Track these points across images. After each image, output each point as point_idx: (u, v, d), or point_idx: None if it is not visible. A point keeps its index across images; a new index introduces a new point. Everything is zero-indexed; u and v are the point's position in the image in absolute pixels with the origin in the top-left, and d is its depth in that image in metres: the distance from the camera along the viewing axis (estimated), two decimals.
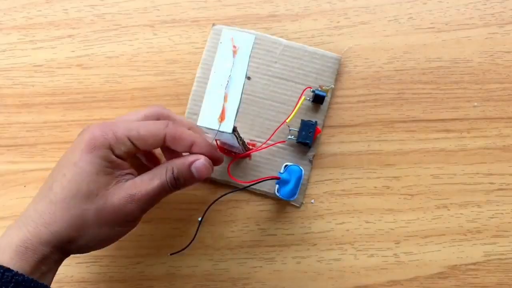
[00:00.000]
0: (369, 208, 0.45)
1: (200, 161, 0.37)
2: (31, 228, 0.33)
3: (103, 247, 0.37)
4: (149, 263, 0.45)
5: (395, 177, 0.46)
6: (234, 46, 0.33)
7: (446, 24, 0.47)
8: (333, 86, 0.46)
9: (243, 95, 0.33)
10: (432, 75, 0.47)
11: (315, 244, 0.45)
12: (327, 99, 0.46)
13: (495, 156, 0.46)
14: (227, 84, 0.33)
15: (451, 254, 0.45)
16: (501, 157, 0.46)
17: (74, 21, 0.48)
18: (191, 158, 0.37)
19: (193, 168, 0.37)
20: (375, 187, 0.46)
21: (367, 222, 0.45)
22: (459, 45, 0.47)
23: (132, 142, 0.36)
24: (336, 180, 0.46)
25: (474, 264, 0.45)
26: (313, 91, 0.45)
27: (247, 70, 0.33)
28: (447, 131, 0.46)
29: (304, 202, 0.45)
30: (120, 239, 0.37)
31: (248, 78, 0.34)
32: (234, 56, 0.33)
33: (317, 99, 0.45)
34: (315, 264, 0.45)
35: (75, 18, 0.48)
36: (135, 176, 0.37)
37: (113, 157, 0.35)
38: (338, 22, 0.47)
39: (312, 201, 0.45)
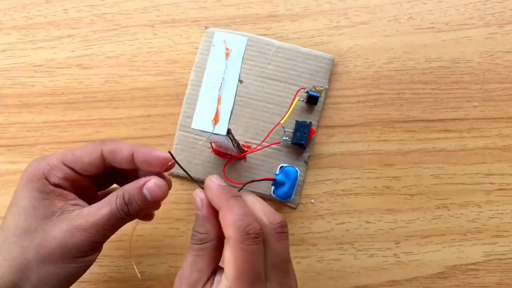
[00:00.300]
0: (369, 208, 0.45)
1: (151, 182, 0.33)
2: None
3: None
4: (149, 263, 0.45)
5: (395, 177, 0.46)
6: (227, 49, 0.33)
7: (446, 24, 0.47)
8: (326, 86, 0.46)
9: (236, 97, 0.33)
10: (432, 75, 0.47)
11: (315, 244, 0.45)
12: (321, 99, 0.46)
13: (495, 156, 0.46)
14: (221, 86, 0.33)
15: (451, 254, 0.45)
16: (501, 157, 0.46)
17: (74, 21, 0.48)
18: (142, 180, 0.33)
19: (145, 190, 0.33)
20: (375, 187, 0.46)
21: (367, 222, 0.45)
22: (459, 45, 0.47)
23: (68, 166, 0.33)
24: (336, 180, 0.46)
25: (474, 264, 0.45)
26: (307, 92, 0.45)
27: (240, 72, 0.33)
28: (447, 131, 0.46)
29: (301, 202, 0.45)
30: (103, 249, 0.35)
31: (241, 81, 0.34)
32: (227, 58, 0.33)
33: (311, 100, 0.45)
34: (315, 264, 0.45)
35: (75, 18, 0.48)
36: (84, 207, 0.33)
37: (51, 187, 0.32)
38: (338, 22, 0.47)
39: (312, 201, 0.45)
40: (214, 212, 0.32)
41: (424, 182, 0.46)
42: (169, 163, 0.34)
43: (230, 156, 0.44)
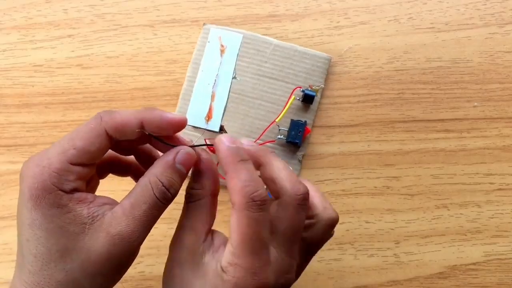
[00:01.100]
0: (369, 208, 0.45)
1: (181, 153, 0.30)
2: None
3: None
4: (149, 263, 0.45)
5: (395, 177, 0.46)
6: (222, 45, 0.33)
7: (446, 24, 0.47)
8: (323, 85, 0.46)
9: (232, 94, 0.33)
10: (432, 75, 0.47)
11: None
12: (316, 98, 0.46)
13: (495, 156, 0.46)
14: (215, 83, 0.33)
15: (451, 254, 0.45)
16: (501, 157, 0.46)
17: (74, 21, 0.48)
18: (169, 156, 0.30)
19: (178, 165, 0.29)
20: (375, 187, 0.46)
21: (367, 222, 0.45)
22: (459, 45, 0.47)
23: (76, 164, 0.28)
24: (336, 180, 0.46)
25: (474, 264, 0.45)
26: (303, 91, 0.45)
27: (234, 69, 0.33)
28: (447, 131, 0.46)
29: None
30: None
31: (235, 78, 0.33)
32: (221, 55, 0.33)
33: (307, 99, 0.45)
34: (315, 264, 0.45)
35: (75, 18, 0.48)
36: (113, 205, 0.29)
37: (66, 196, 0.28)
38: (338, 22, 0.47)
39: None
40: (212, 169, 0.31)
41: (424, 182, 0.46)
42: (183, 123, 0.31)
43: None
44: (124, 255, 0.28)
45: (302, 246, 0.31)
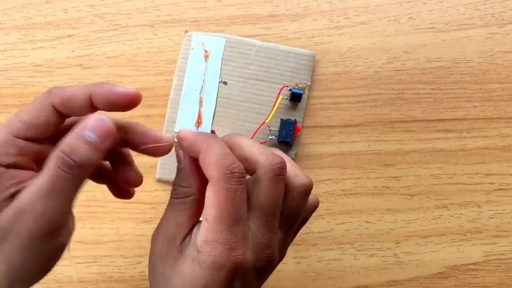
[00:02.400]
0: (369, 208, 0.45)
1: (91, 119, 0.27)
2: None
3: (40, 279, 0.28)
4: None
5: (395, 177, 0.46)
6: (206, 51, 0.33)
7: (446, 24, 0.47)
8: (309, 83, 0.46)
9: (220, 99, 0.33)
10: (432, 75, 0.47)
11: (315, 244, 0.45)
12: (304, 96, 0.46)
13: (495, 156, 0.46)
14: (201, 88, 0.33)
15: (451, 254, 0.45)
16: (501, 157, 0.46)
17: (74, 21, 0.48)
18: (79, 124, 0.27)
19: (86, 131, 0.26)
20: (375, 187, 0.46)
21: (367, 222, 0.45)
22: (459, 45, 0.47)
23: (21, 138, 0.27)
24: (336, 180, 0.46)
25: (474, 264, 0.45)
26: (290, 90, 0.45)
27: (220, 73, 0.33)
28: (447, 131, 0.46)
29: None
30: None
31: (225, 83, 0.33)
32: (206, 60, 0.33)
33: (295, 98, 0.45)
34: (315, 264, 0.45)
35: (75, 18, 0.48)
36: None
37: (6, 170, 0.27)
38: (338, 22, 0.47)
39: None
40: (196, 164, 0.29)
41: (424, 182, 0.46)
42: (136, 98, 0.29)
43: None
44: (29, 230, 0.26)
45: (280, 220, 0.29)
